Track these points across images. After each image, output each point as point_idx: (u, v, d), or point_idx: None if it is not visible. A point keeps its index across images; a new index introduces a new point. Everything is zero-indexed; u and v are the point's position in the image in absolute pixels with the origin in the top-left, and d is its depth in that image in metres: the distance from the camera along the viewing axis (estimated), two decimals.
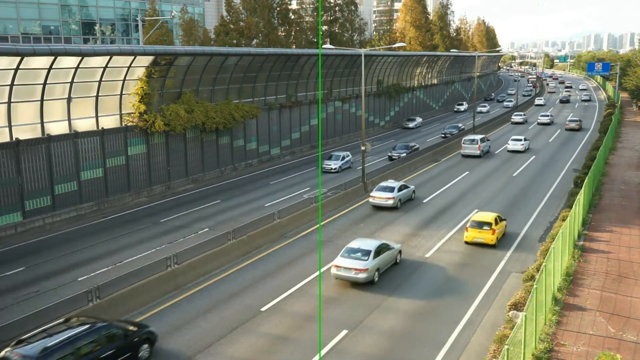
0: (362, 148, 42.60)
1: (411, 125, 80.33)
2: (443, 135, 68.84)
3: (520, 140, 58.29)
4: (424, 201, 39.11)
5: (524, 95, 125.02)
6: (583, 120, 78.77)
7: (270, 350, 19.60)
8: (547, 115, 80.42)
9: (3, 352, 16.57)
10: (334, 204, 37.45)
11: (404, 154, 53.36)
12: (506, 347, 14.31)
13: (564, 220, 28.35)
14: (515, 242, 30.29)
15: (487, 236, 29.24)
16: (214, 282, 25.64)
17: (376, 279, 25.04)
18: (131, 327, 19.08)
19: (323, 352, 19.30)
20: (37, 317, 19.65)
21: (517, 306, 20.09)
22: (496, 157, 55.72)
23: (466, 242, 30.02)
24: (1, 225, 32.56)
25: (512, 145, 57.90)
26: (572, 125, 73.17)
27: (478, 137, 56.65)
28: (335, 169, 49.73)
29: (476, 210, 36.02)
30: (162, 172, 43.35)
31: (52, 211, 35.29)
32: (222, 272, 26.76)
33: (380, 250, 25.66)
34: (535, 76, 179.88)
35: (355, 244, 25.92)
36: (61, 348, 16.42)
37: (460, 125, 72.81)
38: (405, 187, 38.73)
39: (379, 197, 37.08)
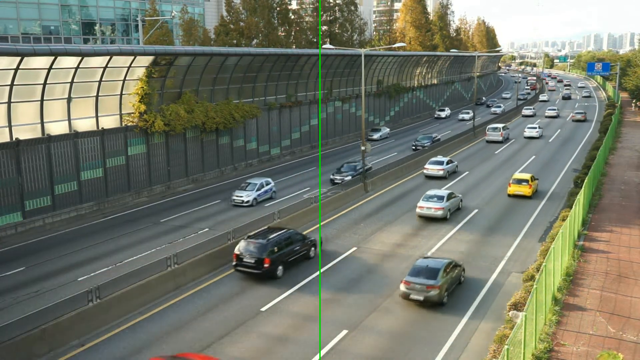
0: (362, 148, 42.63)
1: (375, 136, 68.00)
2: (414, 148, 59.65)
3: (536, 127, 67.29)
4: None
5: (519, 99, 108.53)
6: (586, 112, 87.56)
7: (270, 350, 19.61)
8: (554, 109, 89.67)
9: (241, 242, 26.44)
10: (334, 204, 37.45)
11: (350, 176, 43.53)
12: (506, 347, 14.32)
13: (563, 220, 28.36)
14: (515, 242, 30.30)
15: (525, 190, 38.42)
16: (214, 282, 25.65)
17: (448, 216, 34.15)
18: (305, 236, 28.68)
19: (323, 352, 19.31)
20: (37, 317, 19.68)
21: (517, 306, 20.10)
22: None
23: (509, 195, 39.01)
24: (1, 225, 32.56)
25: (528, 132, 66.94)
26: (578, 117, 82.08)
27: (500, 125, 66.25)
28: (247, 202, 38.01)
29: (476, 210, 36.14)
30: (162, 172, 43.36)
31: (52, 211, 35.29)
32: (222, 271, 26.76)
33: (450, 196, 34.90)
34: (534, 77, 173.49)
35: (431, 192, 35.27)
36: (276, 240, 26.31)
37: (435, 135, 63.62)
38: (451, 161, 47.83)
39: (432, 169, 45.89)
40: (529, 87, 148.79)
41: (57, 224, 35.12)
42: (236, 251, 26.04)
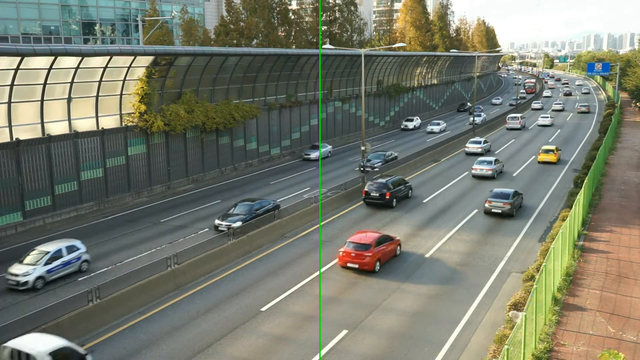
0: (362, 148, 42.65)
1: (313, 155, 55.70)
2: (361, 169, 45.06)
3: (548, 117, 78.82)
4: (424, 201, 39.12)
5: (510, 105, 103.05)
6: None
7: (270, 350, 19.61)
8: (560, 103, 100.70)
9: (368, 183, 38.13)
10: (334, 204, 37.45)
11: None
12: (506, 347, 14.32)
13: (563, 220, 28.37)
14: (515, 242, 30.31)
15: (551, 157, 50.77)
16: (214, 282, 25.66)
17: (496, 176, 44.97)
18: (407, 181, 40.19)
19: (323, 352, 19.31)
20: (37, 317, 19.68)
21: (517, 306, 20.10)
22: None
23: (539, 162, 51.20)
24: (1, 225, 32.57)
25: (542, 121, 78.53)
26: (583, 109, 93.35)
27: (519, 114, 77.42)
28: (24, 282, 24.77)
29: (475, 210, 36.18)
30: (162, 172, 43.36)
31: (52, 211, 35.30)
32: (222, 272, 26.77)
33: (496, 161, 46.07)
34: (533, 80, 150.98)
35: (481, 158, 46.52)
36: (391, 181, 37.82)
37: (389, 153, 52.40)
38: (487, 141, 58.08)
39: (472, 147, 56.17)
40: (524, 91, 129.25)
41: (57, 224, 35.12)
42: (365, 189, 37.44)
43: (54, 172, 35.27)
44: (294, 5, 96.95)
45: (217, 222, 32.85)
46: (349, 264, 26.37)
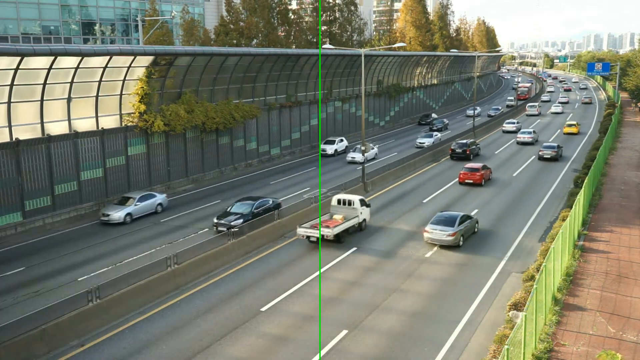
0: (362, 148, 42.65)
1: (329, 150, 56.93)
2: (215, 227, 32.34)
3: (560, 106, 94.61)
4: (424, 201, 39.13)
5: (489, 116, 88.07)
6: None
7: (270, 350, 19.61)
8: (565, 97, 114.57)
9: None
10: None
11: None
12: (506, 347, 14.31)
13: (564, 220, 28.35)
14: (515, 241, 30.29)
15: (574, 129, 67.99)
16: (214, 282, 25.64)
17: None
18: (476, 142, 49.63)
19: (323, 352, 19.30)
20: (37, 317, 19.67)
21: (517, 306, 20.09)
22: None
23: (564, 133, 67.85)
24: (1, 225, 32.56)
25: (554, 109, 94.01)
26: (586, 100, 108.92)
27: (536, 103, 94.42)
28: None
29: (476, 210, 36.19)
30: (162, 172, 43.35)
31: (52, 211, 35.29)
32: (222, 272, 26.76)
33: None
34: (526, 85, 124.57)
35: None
36: (469, 142, 54.15)
37: (268, 200, 35.29)
38: (519, 122, 71.90)
39: (507, 127, 72.22)
40: (512, 99, 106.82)
41: (57, 224, 35.11)
42: (451, 147, 52.25)
43: (53, 172, 35.26)
44: (294, 5, 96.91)
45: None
46: (466, 181, 42.78)
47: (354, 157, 53.25)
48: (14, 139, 33.02)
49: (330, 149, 58.22)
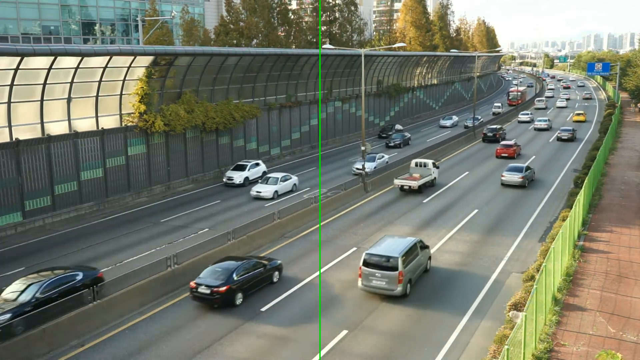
0: (362, 148, 42.64)
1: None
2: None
3: (564, 101, 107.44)
4: (424, 201, 39.13)
5: (465, 127, 74.99)
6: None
7: (270, 350, 19.60)
8: (567, 94, 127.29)
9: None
10: (334, 204, 37.45)
11: None
12: (506, 347, 14.31)
13: (564, 220, 28.34)
14: (515, 242, 30.30)
15: (581, 117, 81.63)
16: None
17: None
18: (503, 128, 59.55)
19: (323, 352, 19.30)
20: (37, 317, 19.67)
21: (517, 306, 20.08)
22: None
23: (573, 121, 79.48)
24: (1, 225, 32.56)
25: (559, 103, 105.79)
26: (587, 96, 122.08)
27: (544, 97, 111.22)
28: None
29: (476, 210, 36.18)
30: (162, 172, 43.35)
31: (52, 211, 35.29)
32: None
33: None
34: (518, 90, 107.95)
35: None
36: (499, 127, 67.18)
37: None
38: (531, 114, 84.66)
39: (523, 118, 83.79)
40: (499, 105, 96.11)
41: (57, 224, 35.11)
42: (484, 132, 63.75)
43: (53, 172, 35.26)
44: (293, 5, 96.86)
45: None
46: (502, 155, 53.64)
47: (259, 192, 39.77)
48: (14, 139, 33.02)
49: (238, 178, 43.76)
